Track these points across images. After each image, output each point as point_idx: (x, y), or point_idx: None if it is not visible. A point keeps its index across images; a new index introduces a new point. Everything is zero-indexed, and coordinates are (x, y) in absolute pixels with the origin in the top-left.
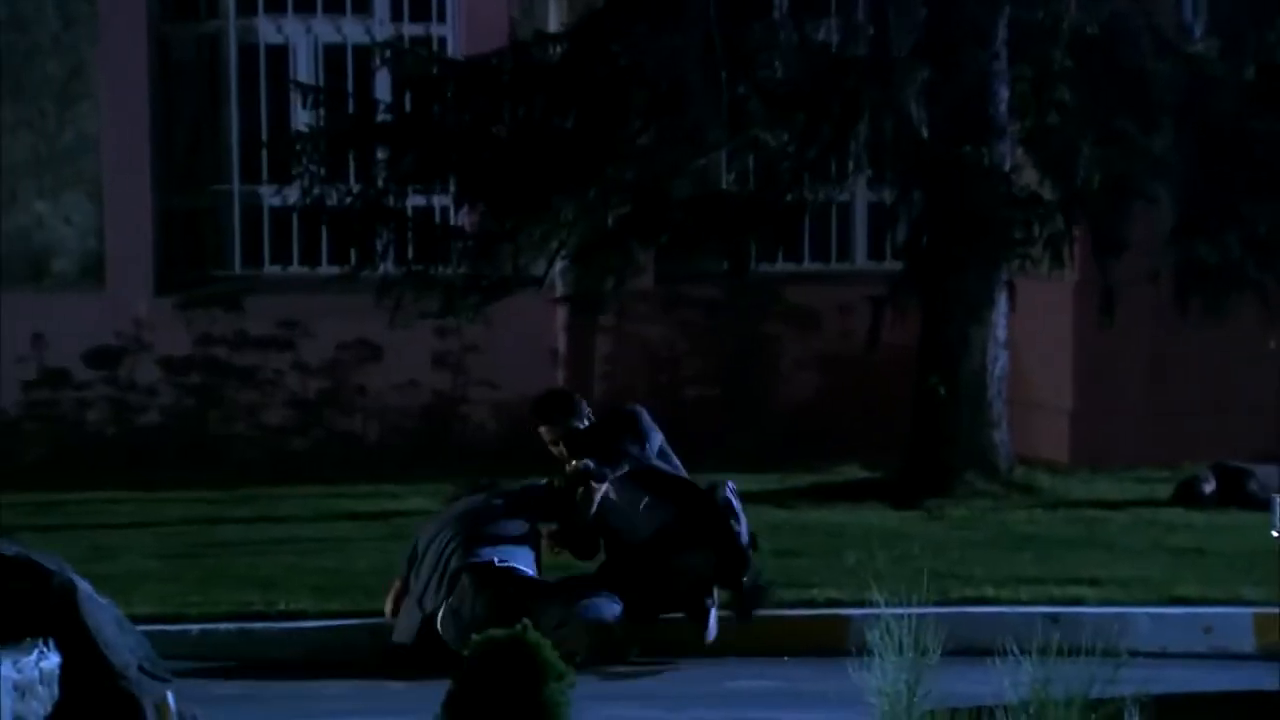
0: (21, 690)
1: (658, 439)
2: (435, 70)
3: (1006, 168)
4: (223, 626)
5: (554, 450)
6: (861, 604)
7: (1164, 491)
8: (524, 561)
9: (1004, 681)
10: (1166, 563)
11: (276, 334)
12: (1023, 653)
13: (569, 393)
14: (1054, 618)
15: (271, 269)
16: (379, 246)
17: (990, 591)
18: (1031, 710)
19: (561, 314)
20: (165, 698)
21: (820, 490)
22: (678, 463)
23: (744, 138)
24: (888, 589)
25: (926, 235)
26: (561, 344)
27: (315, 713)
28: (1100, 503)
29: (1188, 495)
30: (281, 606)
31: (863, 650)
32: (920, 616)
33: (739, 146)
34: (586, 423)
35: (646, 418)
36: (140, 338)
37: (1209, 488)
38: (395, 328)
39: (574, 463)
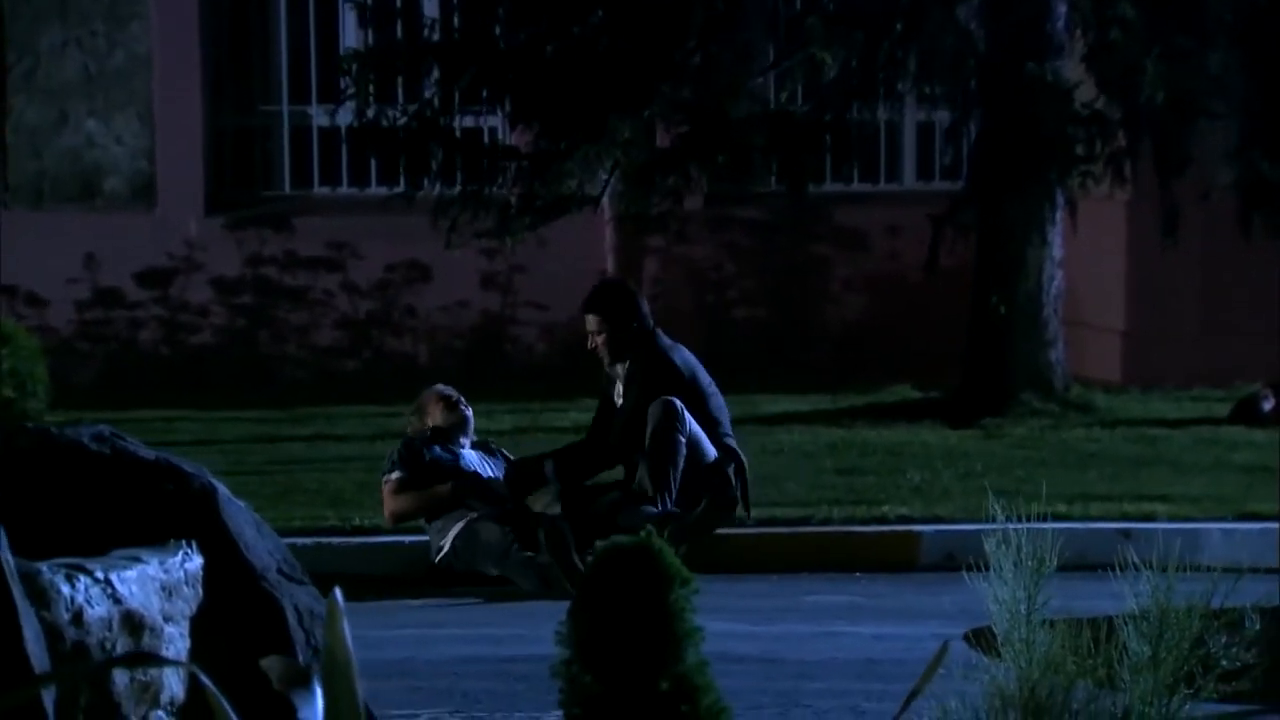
0: (168, 590)
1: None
2: None
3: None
4: (298, 541)
5: (595, 342)
6: (932, 520)
7: (1220, 410)
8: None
9: (1125, 592)
10: (1234, 479)
11: (326, 255)
12: (1101, 569)
13: (628, 289)
14: (1126, 533)
15: (320, 189)
16: (434, 167)
17: (1062, 508)
18: (1153, 619)
19: (609, 235)
20: (334, 595)
21: (875, 410)
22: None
23: (801, 56)
24: (956, 506)
25: (987, 154)
26: (610, 265)
27: (403, 624)
28: (1159, 421)
29: (1247, 413)
30: (356, 522)
31: (934, 566)
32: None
33: (795, 65)
34: (638, 325)
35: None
36: (191, 258)
37: (1268, 405)
38: (450, 248)
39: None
